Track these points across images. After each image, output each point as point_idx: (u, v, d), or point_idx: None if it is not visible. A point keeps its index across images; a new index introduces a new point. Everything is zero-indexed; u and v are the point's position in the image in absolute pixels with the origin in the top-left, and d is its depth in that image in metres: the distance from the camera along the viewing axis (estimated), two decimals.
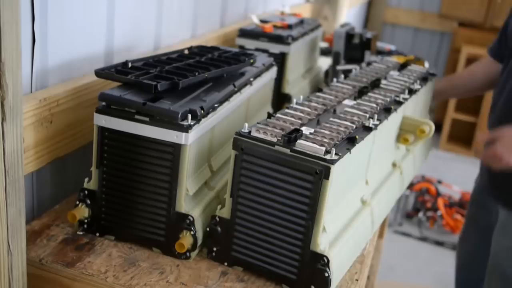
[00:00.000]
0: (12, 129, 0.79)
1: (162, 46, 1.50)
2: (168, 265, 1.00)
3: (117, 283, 0.94)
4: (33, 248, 1.00)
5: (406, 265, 2.95)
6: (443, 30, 4.60)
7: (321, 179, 0.88)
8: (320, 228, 0.91)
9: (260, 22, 1.73)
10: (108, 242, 1.04)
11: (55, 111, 1.08)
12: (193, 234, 0.99)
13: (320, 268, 0.92)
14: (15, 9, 0.74)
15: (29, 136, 1.02)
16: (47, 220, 1.09)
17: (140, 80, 1.00)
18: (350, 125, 1.02)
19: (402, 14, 4.69)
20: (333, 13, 2.91)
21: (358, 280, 1.03)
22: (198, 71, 1.09)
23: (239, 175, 0.95)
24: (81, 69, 1.19)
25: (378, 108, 1.15)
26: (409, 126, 1.27)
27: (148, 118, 0.96)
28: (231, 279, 0.98)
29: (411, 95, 1.30)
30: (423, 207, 3.33)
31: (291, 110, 1.07)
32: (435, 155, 4.22)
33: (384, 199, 1.21)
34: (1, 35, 0.73)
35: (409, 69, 1.54)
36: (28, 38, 1.02)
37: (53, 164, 1.15)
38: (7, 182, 0.81)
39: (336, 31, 1.86)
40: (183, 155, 0.96)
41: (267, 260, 0.97)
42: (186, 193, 0.99)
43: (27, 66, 1.04)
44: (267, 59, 1.38)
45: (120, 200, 1.03)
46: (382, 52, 2.57)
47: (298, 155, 0.90)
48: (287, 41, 1.59)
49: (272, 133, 0.93)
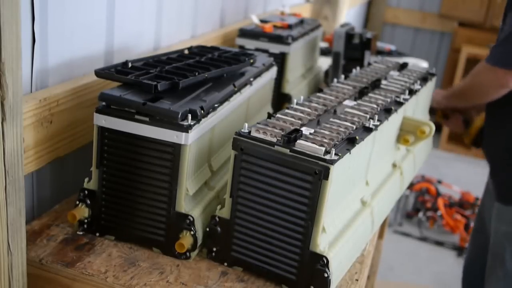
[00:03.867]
0: (12, 129, 0.79)
1: (162, 46, 1.50)
2: (168, 265, 1.00)
3: (117, 283, 0.94)
4: (33, 248, 1.00)
5: (406, 265, 2.95)
6: (443, 30, 4.60)
7: (321, 180, 0.88)
8: (320, 228, 0.91)
9: (260, 22, 1.73)
10: (108, 242, 1.04)
11: (55, 111, 1.08)
12: (193, 234, 0.99)
13: (319, 269, 0.92)
14: (15, 9, 0.74)
15: (29, 136, 1.02)
16: (47, 220, 1.09)
17: (140, 80, 1.00)
18: (350, 126, 1.02)
19: (402, 14, 4.69)
20: (333, 13, 2.91)
21: (358, 280, 1.03)
22: (198, 71, 1.09)
23: (239, 175, 0.95)
24: (81, 69, 1.19)
25: (378, 108, 1.15)
26: (409, 127, 1.27)
27: (148, 118, 0.96)
28: (231, 279, 0.98)
29: (412, 96, 1.31)
30: (423, 207, 3.33)
31: (291, 110, 1.07)
32: (435, 155, 4.22)
33: (384, 200, 1.21)
34: (1, 35, 0.73)
35: (409, 69, 1.54)
36: (28, 38, 1.02)
37: (53, 164, 1.15)
38: (7, 182, 0.81)
39: (336, 31, 1.86)
40: (183, 155, 0.96)
41: (267, 260, 0.97)
42: (186, 193, 0.99)
43: (27, 66, 1.04)
44: (267, 59, 1.38)
45: (120, 200, 1.03)
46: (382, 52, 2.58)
47: (297, 155, 0.90)
48: (287, 41, 1.59)
49: (272, 133, 0.93)
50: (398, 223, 3.31)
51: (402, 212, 3.36)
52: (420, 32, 4.69)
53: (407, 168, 1.37)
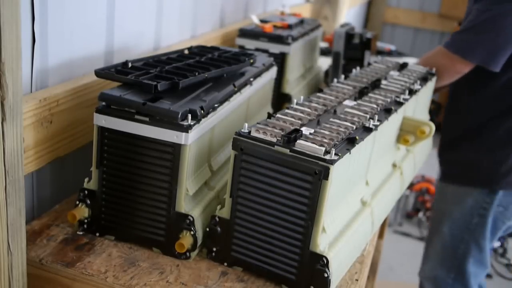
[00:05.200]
0: (12, 129, 0.79)
1: (162, 46, 1.50)
2: (168, 265, 1.00)
3: (117, 283, 0.94)
4: (33, 248, 1.00)
5: (406, 265, 2.95)
6: (443, 30, 4.60)
7: (321, 180, 0.88)
8: (320, 228, 0.91)
9: (260, 22, 1.73)
10: (108, 242, 1.04)
11: (55, 111, 1.08)
12: (193, 234, 0.99)
13: (319, 269, 0.92)
14: (15, 9, 0.74)
15: (29, 136, 1.02)
16: (47, 220, 1.09)
17: (140, 80, 1.00)
18: (350, 126, 1.02)
19: (402, 14, 4.69)
20: (333, 13, 2.91)
21: (358, 280, 1.03)
22: (198, 71, 1.09)
23: (239, 175, 0.95)
24: (81, 69, 1.19)
25: (378, 108, 1.15)
26: (409, 127, 1.27)
27: (148, 118, 0.96)
28: (231, 279, 0.98)
29: (412, 96, 1.30)
30: (423, 207, 3.33)
31: (291, 110, 1.07)
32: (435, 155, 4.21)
33: (384, 200, 1.21)
34: (1, 35, 0.73)
35: (409, 69, 1.54)
36: (28, 38, 1.02)
37: (53, 164, 1.15)
38: (7, 182, 0.81)
39: (336, 31, 1.86)
40: (183, 155, 0.96)
41: (267, 260, 0.97)
42: (186, 193, 0.99)
43: (27, 66, 1.04)
44: (267, 59, 1.38)
45: (120, 200, 1.03)
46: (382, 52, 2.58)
47: (297, 155, 0.90)
48: (287, 41, 1.59)
49: (272, 133, 0.93)
50: (398, 223, 3.31)
51: (402, 212, 3.36)
52: (420, 32, 4.69)
53: (407, 168, 1.37)
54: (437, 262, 1.89)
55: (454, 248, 1.84)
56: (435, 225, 1.91)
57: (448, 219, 1.83)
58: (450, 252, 1.85)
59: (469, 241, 1.81)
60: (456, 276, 1.85)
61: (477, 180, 1.77)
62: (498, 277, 2.97)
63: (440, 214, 1.88)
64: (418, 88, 1.37)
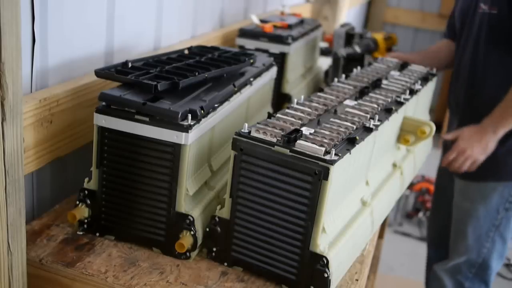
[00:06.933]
0: (12, 129, 0.79)
1: (162, 46, 1.50)
2: (168, 265, 1.00)
3: (117, 283, 0.94)
4: (33, 248, 1.00)
5: (406, 265, 2.95)
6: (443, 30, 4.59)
7: (321, 180, 0.88)
8: (320, 228, 0.91)
9: (260, 22, 1.73)
10: (108, 242, 1.04)
11: (55, 111, 1.08)
12: (193, 234, 0.99)
13: (319, 269, 0.92)
14: (15, 9, 0.74)
15: (29, 136, 1.02)
16: (47, 220, 1.09)
17: (140, 80, 1.00)
18: (351, 126, 1.02)
19: (402, 14, 4.69)
20: (333, 13, 2.91)
21: (358, 280, 1.03)
22: (198, 71, 1.09)
23: (239, 176, 0.95)
24: (81, 69, 1.19)
25: (379, 108, 1.15)
26: (409, 127, 1.27)
27: (148, 118, 0.96)
28: (231, 279, 0.98)
29: (412, 96, 1.30)
30: (423, 207, 3.33)
31: (291, 110, 1.07)
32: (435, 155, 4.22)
33: (384, 200, 1.21)
34: (1, 35, 0.73)
35: (409, 69, 1.54)
36: (28, 38, 1.02)
37: (53, 164, 1.15)
38: (7, 182, 0.81)
39: (336, 31, 1.86)
40: (183, 155, 0.96)
41: (267, 260, 0.97)
42: (186, 193, 0.99)
43: (27, 66, 1.04)
44: (267, 59, 1.38)
45: (120, 200, 1.03)
46: None
47: (297, 156, 0.89)
48: (287, 41, 1.59)
49: (272, 133, 0.93)
50: (398, 223, 3.31)
51: (402, 212, 3.36)
52: (420, 32, 4.69)
53: (407, 168, 1.37)
54: (460, 260, 1.87)
55: (479, 248, 1.82)
56: (458, 226, 1.87)
57: (473, 219, 1.81)
58: (475, 252, 1.83)
59: (494, 236, 1.80)
60: (477, 271, 1.85)
61: (503, 175, 1.75)
62: (498, 277, 2.97)
63: (463, 214, 1.84)
64: (418, 88, 1.37)
